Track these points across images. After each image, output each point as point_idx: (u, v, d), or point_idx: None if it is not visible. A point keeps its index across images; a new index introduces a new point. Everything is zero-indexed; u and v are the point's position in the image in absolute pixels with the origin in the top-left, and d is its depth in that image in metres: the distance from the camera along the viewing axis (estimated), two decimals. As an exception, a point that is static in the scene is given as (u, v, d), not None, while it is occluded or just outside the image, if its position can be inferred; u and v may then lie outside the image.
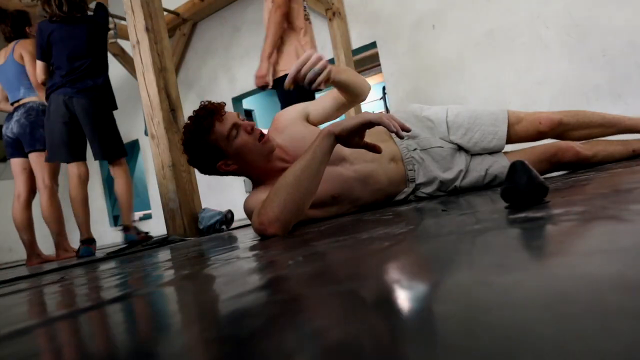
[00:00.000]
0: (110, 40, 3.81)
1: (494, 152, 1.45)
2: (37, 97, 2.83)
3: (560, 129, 1.43)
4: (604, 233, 0.39)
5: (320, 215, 1.34)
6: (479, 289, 0.28)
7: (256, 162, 1.30)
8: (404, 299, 0.31)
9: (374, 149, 1.08)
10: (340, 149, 1.33)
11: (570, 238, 0.40)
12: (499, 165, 1.41)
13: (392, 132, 0.99)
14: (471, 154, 1.47)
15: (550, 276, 0.28)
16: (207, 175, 1.39)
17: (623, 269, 0.26)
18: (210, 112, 1.27)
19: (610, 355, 0.15)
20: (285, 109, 1.49)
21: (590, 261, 0.30)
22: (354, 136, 1.04)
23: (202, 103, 1.32)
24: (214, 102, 1.31)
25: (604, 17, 2.75)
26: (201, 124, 1.26)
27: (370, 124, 1.02)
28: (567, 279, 0.27)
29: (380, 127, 1.48)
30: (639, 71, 2.67)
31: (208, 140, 1.26)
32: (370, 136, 1.44)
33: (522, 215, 0.59)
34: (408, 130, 1.00)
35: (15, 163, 2.92)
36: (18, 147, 2.86)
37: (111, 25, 3.74)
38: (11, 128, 2.82)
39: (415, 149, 1.45)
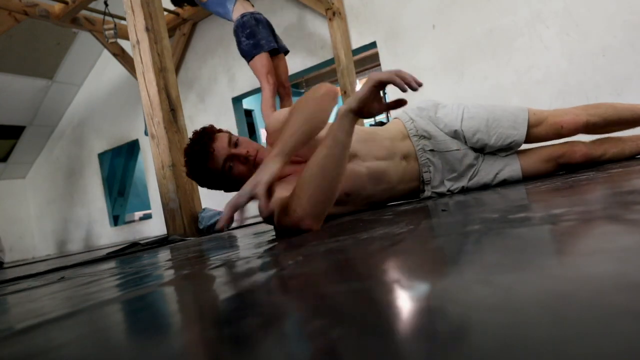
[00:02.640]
0: (110, 41, 3.81)
1: (509, 151, 1.40)
2: None
3: (586, 131, 1.36)
4: (604, 233, 0.39)
5: (337, 212, 1.32)
6: (479, 289, 0.28)
7: None
8: (403, 298, 0.31)
9: (399, 104, 0.98)
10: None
11: (570, 238, 0.40)
12: (510, 169, 1.39)
13: (404, 90, 0.94)
14: (485, 153, 1.44)
15: (550, 276, 0.28)
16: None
17: (623, 269, 0.26)
18: (198, 151, 1.25)
19: (611, 356, 0.15)
20: (272, 119, 1.37)
21: (590, 261, 0.30)
22: (372, 103, 0.98)
23: (192, 136, 1.29)
24: (203, 133, 1.27)
25: (604, 17, 2.75)
26: (195, 163, 1.27)
27: (381, 83, 0.96)
28: (567, 279, 0.27)
29: (399, 126, 1.47)
30: (639, 71, 2.67)
31: (208, 172, 1.28)
32: (385, 137, 1.42)
33: (522, 215, 0.59)
34: (420, 85, 0.95)
35: None
36: None
37: (111, 25, 3.74)
38: None
39: (431, 150, 1.42)
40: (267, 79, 2.68)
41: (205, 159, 1.25)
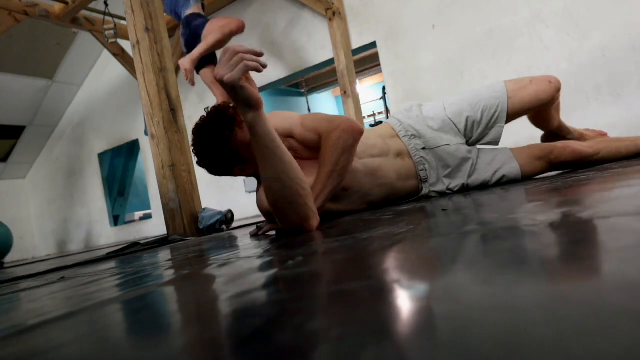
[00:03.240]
0: (110, 40, 3.81)
1: (497, 124, 1.45)
2: None
3: (557, 99, 1.49)
4: (604, 233, 0.39)
5: (334, 209, 1.32)
6: (479, 289, 0.28)
7: None
8: (403, 298, 0.31)
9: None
10: None
11: (570, 238, 0.40)
12: (508, 167, 1.40)
13: (260, 70, 0.87)
14: (478, 148, 1.46)
15: (550, 276, 0.28)
16: (207, 175, 1.38)
17: (623, 268, 0.26)
18: (231, 118, 1.21)
19: (610, 356, 0.15)
20: (274, 116, 1.38)
21: (590, 261, 0.30)
22: (249, 94, 0.89)
23: (216, 107, 1.25)
24: (230, 106, 1.24)
25: (604, 17, 2.75)
26: (222, 131, 1.20)
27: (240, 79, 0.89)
28: (567, 279, 0.27)
29: (387, 127, 1.50)
30: (639, 71, 2.67)
31: (228, 147, 1.22)
32: (377, 135, 1.45)
33: (522, 215, 0.59)
34: (260, 55, 0.88)
35: None
36: None
37: (111, 25, 3.74)
38: None
39: (423, 148, 1.44)
40: (218, 87, 3.01)
41: (234, 127, 1.19)
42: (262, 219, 2.01)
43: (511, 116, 1.45)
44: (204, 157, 1.25)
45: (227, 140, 1.21)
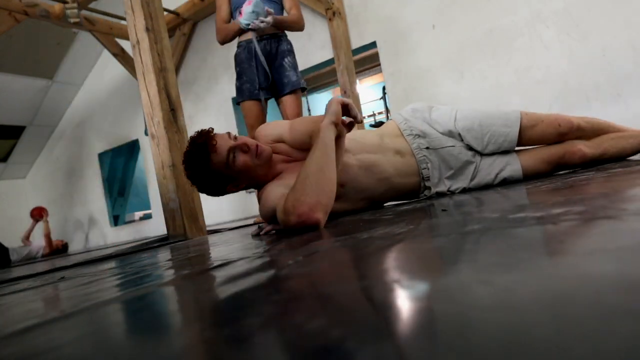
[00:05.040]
0: (72, 21, 3.66)
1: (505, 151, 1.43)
2: None
3: (578, 134, 1.41)
4: (604, 233, 0.39)
5: (335, 208, 1.32)
6: (479, 289, 0.28)
7: (261, 173, 1.32)
8: (404, 298, 0.31)
9: (351, 125, 1.23)
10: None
11: (570, 238, 0.40)
12: (510, 168, 1.40)
13: (353, 115, 1.18)
14: (482, 154, 1.45)
15: (550, 276, 0.28)
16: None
17: (623, 268, 0.26)
18: (201, 146, 1.26)
19: (611, 355, 0.15)
20: (264, 127, 1.48)
21: (590, 261, 0.30)
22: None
23: (191, 137, 1.31)
24: (202, 132, 1.29)
25: (604, 17, 2.75)
26: (198, 160, 1.26)
27: (344, 104, 1.18)
28: (567, 279, 0.27)
29: (392, 126, 1.51)
30: (639, 71, 2.67)
31: (210, 171, 1.27)
32: (375, 134, 1.46)
33: (522, 215, 0.59)
34: (360, 121, 1.20)
35: None
36: None
37: (74, 5, 3.59)
38: None
39: (427, 147, 1.44)
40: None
41: (208, 153, 1.25)
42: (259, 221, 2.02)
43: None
44: (197, 185, 1.34)
45: (206, 166, 1.26)
